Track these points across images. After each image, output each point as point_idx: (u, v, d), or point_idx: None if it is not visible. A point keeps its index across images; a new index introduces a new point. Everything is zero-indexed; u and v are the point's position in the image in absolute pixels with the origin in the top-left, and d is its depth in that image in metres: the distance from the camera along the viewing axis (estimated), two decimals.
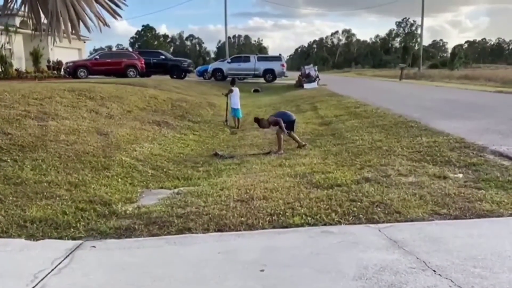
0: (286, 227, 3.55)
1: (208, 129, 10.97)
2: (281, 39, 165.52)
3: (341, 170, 5.43)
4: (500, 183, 4.56)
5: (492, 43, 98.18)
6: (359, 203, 4.01)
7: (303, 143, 7.82)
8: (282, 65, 30.13)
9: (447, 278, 2.51)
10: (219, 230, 3.57)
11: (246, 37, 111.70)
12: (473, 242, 3.04)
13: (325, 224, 3.56)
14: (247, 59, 30.68)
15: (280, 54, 32.50)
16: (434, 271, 2.61)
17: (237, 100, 11.95)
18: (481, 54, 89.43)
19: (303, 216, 3.73)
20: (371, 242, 3.09)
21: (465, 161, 5.60)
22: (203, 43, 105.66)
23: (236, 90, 12.04)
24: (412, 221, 3.55)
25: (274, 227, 3.58)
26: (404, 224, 3.47)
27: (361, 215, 3.69)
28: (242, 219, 3.76)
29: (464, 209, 3.79)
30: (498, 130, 7.94)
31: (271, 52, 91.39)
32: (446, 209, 3.80)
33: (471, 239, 3.11)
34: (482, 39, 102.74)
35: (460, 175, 5.00)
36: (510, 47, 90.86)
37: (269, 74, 29.64)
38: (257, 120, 8.36)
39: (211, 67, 31.34)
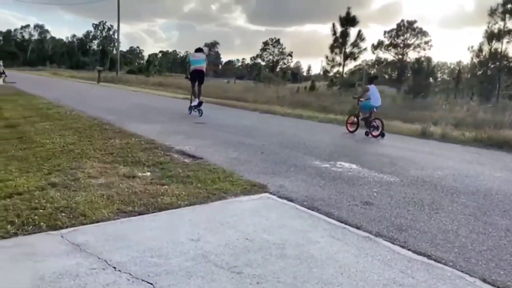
0: None
1: None
2: None
3: (25, 177, 4.90)
4: (181, 178, 5.12)
5: (181, 55, 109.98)
6: (41, 210, 3.70)
7: None
8: None
9: (126, 272, 2.61)
10: None
11: None
12: (152, 234, 3.28)
13: None
14: None
15: None
16: (115, 268, 2.67)
17: None
18: (173, 64, 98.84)
19: None
20: (51, 250, 2.90)
21: (154, 160, 6.03)
22: None
23: None
24: (97, 222, 3.53)
25: None
26: (89, 227, 3.42)
27: (42, 223, 3.42)
28: None
29: (148, 204, 4.06)
30: (183, 132, 8.94)
31: None
32: (131, 206, 3.97)
33: (150, 231, 3.35)
34: (173, 50, 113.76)
35: (148, 174, 5.34)
36: None
37: None
38: None
39: None
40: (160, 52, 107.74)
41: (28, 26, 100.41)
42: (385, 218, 4.13)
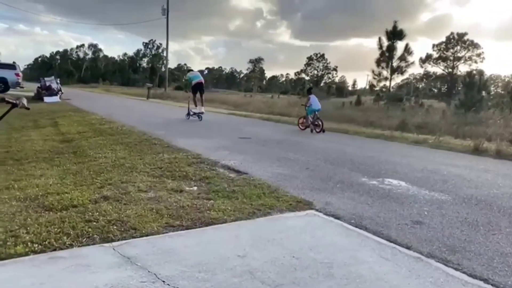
0: (5, 258, 3.10)
1: None
2: (17, 45, 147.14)
3: (79, 190, 5.13)
4: (227, 193, 5.17)
5: (227, 71, 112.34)
6: (94, 223, 3.86)
7: None
8: (17, 75, 26.84)
9: (174, 287, 2.66)
10: None
11: None
12: (199, 249, 3.33)
13: (54, 250, 3.28)
14: None
15: (14, 62, 28.78)
16: (164, 281, 2.72)
17: None
18: (218, 80, 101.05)
19: (28, 244, 3.33)
20: (104, 262, 3.01)
21: (200, 175, 6.14)
22: None
23: None
24: (147, 235, 3.63)
25: None
26: (139, 240, 3.52)
27: (96, 235, 3.56)
28: None
29: (195, 219, 4.12)
30: (228, 147, 9.05)
31: (4, 59, 79.75)
32: (179, 220, 4.06)
33: (198, 246, 3.40)
34: (219, 67, 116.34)
35: (195, 188, 5.44)
36: (241, 76, 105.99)
37: (1, 84, 25.95)
38: None
39: None
40: (206, 68, 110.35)
41: (83, 45, 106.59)
42: (437, 238, 3.96)
